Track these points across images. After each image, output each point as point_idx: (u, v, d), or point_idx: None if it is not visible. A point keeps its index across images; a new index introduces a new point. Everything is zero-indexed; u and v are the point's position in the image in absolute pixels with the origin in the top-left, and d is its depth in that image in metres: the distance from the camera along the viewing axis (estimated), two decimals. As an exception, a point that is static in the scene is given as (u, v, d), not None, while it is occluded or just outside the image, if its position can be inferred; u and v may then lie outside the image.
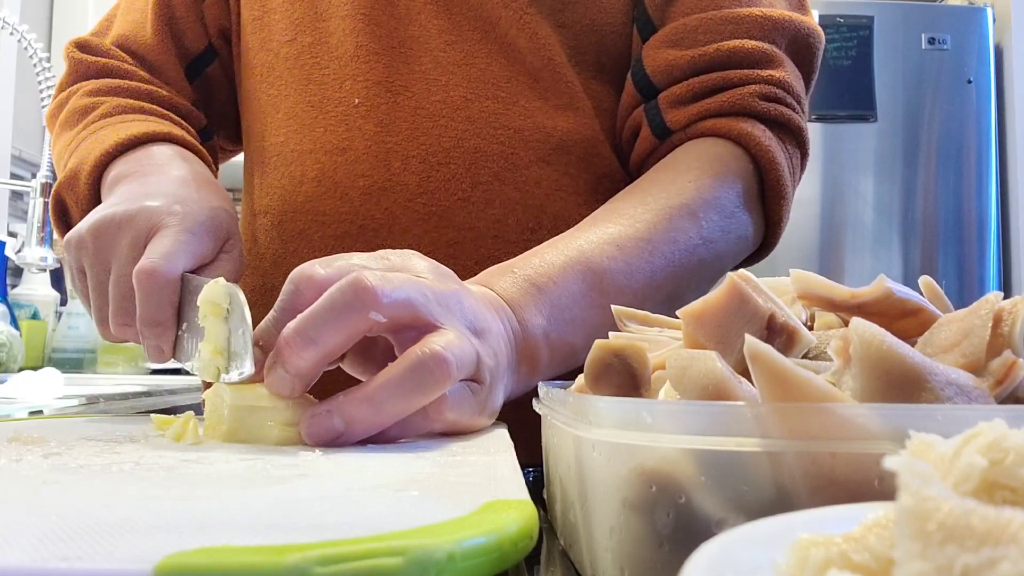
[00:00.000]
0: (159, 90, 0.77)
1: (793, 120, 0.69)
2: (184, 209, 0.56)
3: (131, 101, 0.74)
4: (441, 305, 0.45)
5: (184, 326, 0.52)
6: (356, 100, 0.71)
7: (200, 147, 0.72)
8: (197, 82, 0.82)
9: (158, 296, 0.51)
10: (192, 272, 0.54)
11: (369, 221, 0.69)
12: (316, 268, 0.45)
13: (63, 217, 0.71)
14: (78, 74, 0.79)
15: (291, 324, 0.42)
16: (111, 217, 0.56)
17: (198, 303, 0.47)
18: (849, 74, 2.43)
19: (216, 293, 0.46)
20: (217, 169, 0.83)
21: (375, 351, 0.48)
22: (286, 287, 0.45)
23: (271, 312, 0.45)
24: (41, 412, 0.91)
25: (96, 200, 0.67)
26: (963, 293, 2.35)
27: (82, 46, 0.80)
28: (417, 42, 0.71)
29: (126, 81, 0.77)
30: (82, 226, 0.57)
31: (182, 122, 0.75)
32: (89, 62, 0.78)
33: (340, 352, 0.43)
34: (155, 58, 0.79)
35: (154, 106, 0.75)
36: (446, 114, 0.69)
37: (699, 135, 0.68)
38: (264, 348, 0.44)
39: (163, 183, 0.60)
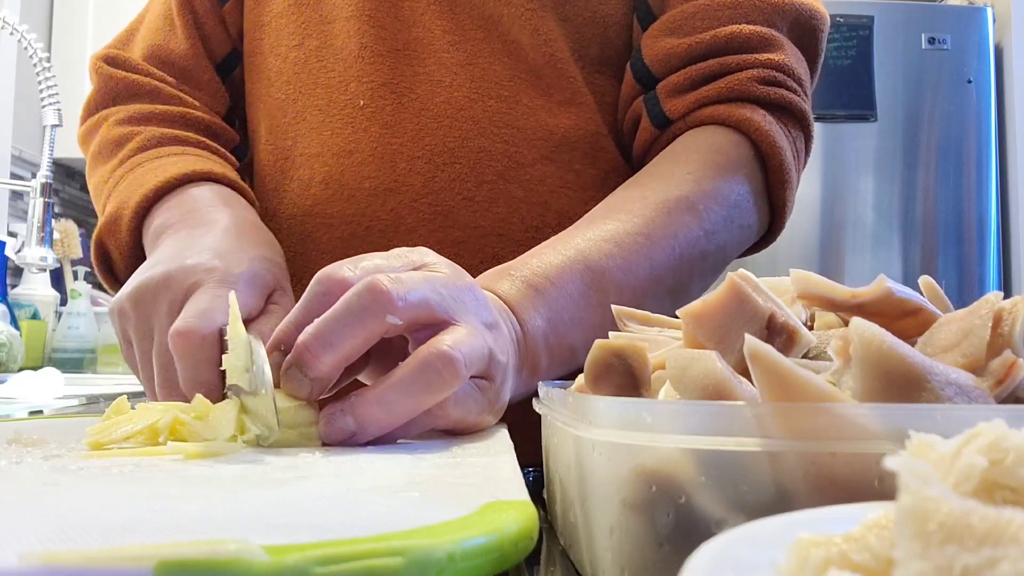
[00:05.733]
0: (192, 111, 0.76)
1: (795, 103, 0.68)
2: (223, 264, 0.54)
3: (165, 130, 0.73)
4: (456, 301, 0.45)
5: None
6: (361, 102, 0.71)
7: (240, 182, 0.71)
8: (227, 85, 0.80)
9: (195, 357, 0.48)
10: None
11: (375, 222, 0.69)
12: (344, 270, 0.45)
13: (106, 263, 0.70)
14: (107, 91, 0.77)
15: (309, 329, 0.42)
16: (148, 282, 0.54)
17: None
18: (849, 74, 2.42)
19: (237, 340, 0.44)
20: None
21: (391, 353, 0.48)
22: (314, 288, 0.45)
23: (293, 312, 0.45)
24: (41, 412, 0.91)
25: (138, 247, 0.66)
26: (963, 293, 2.35)
27: (111, 60, 0.78)
28: (421, 44, 0.71)
29: (158, 106, 0.75)
30: (123, 293, 0.55)
31: (219, 149, 0.74)
32: (119, 78, 0.77)
33: (357, 355, 0.43)
34: (188, 63, 0.78)
35: (188, 133, 0.73)
36: (450, 114, 0.69)
37: (699, 123, 0.68)
38: (286, 352, 0.44)
39: (205, 236, 0.58)
